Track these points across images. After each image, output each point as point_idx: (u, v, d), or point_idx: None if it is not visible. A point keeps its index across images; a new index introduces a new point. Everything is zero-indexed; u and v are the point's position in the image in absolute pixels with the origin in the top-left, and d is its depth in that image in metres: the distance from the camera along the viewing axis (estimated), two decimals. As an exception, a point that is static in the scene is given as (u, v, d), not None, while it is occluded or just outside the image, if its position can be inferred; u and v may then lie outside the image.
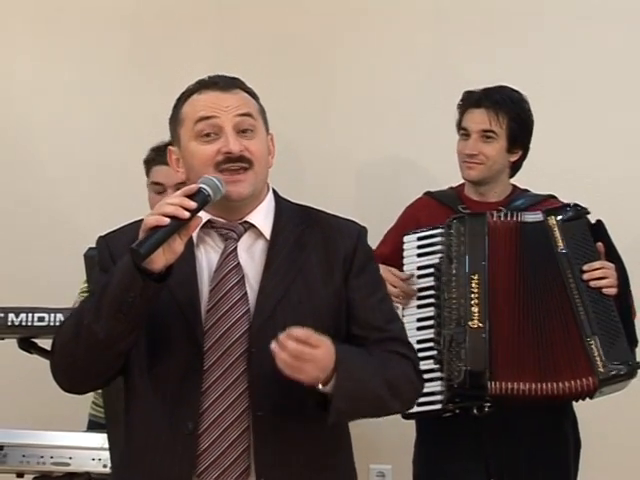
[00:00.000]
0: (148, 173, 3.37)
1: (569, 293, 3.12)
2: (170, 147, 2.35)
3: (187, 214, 2.07)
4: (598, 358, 3.04)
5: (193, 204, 2.09)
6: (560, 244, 3.16)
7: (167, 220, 2.05)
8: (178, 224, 2.07)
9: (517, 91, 3.37)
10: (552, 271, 3.14)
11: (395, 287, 3.24)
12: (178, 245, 2.09)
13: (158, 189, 3.32)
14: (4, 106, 4.15)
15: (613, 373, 3.04)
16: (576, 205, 3.24)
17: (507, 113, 3.29)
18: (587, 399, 3.15)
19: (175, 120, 2.31)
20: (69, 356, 2.20)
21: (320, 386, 2.13)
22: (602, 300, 3.12)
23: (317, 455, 2.26)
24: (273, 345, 2.06)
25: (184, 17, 4.15)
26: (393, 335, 2.31)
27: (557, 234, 3.17)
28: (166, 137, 2.46)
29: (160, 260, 2.08)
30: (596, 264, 3.13)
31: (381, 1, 4.16)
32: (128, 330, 2.13)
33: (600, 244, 3.18)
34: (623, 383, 3.10)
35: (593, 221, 3.26)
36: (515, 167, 3.39)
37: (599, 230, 3.21)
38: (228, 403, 2.18)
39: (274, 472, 2.19)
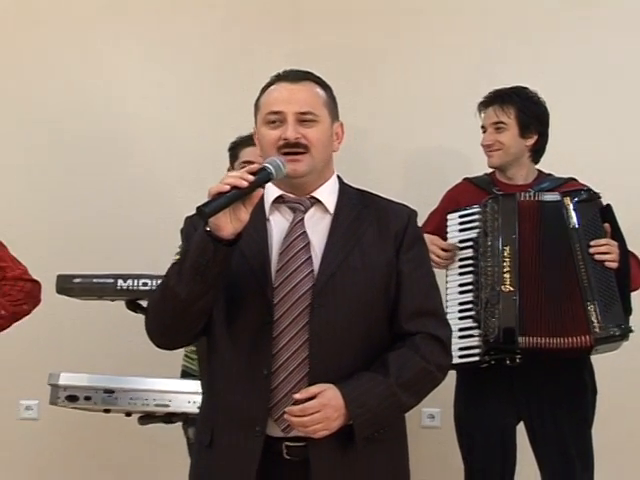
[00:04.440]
0: (237, 155, 3.26)
1: (576, 263, 3.04)
2: (254, 129, 2.28)
3: (245, 184, 2.00)
4: (595, 320, 2.97)
5: (251, 177, 2.02)
6: (573, 221, 3.07)
7: (227, 188, 1.99)
8: (239, 193, 2.00)
9: (525, 87, 3.31)
10: (564, 244, 3.06)
11: (438, 255, 3.17)
12: (243, 214, 2.02)
13: None
14: (112, 102, 4.08)
15: (608, 334, 2.97)
16: (590, 189, 3.16)
17: (513, 105, 3.23)
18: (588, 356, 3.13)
19: (256, 106, 2.25)
20: (158, 316, 2.16)
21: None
22: (604, 272, 3.03)
23: None
24: (286, 417, 2.05)
25: (264, 26, 4.10)
26: (430, 309, 2.21)
27: (571, 212, 3.08)
28: (245, 129, 2.39)
29: (228, 227, 2.01)
30: (602, 241, 3.05)
31: (434, 8, 4.09)
32: (205, 290, 2.06)
33: (607, 225, 3.09)
34: (616, 344, 3.04)
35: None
36: (535, 151, 3.29)
37: (608, 213, 3.12)
38: (292, 350, 2.11)
39: None
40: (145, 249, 3.85)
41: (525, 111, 3.22)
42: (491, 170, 3.36)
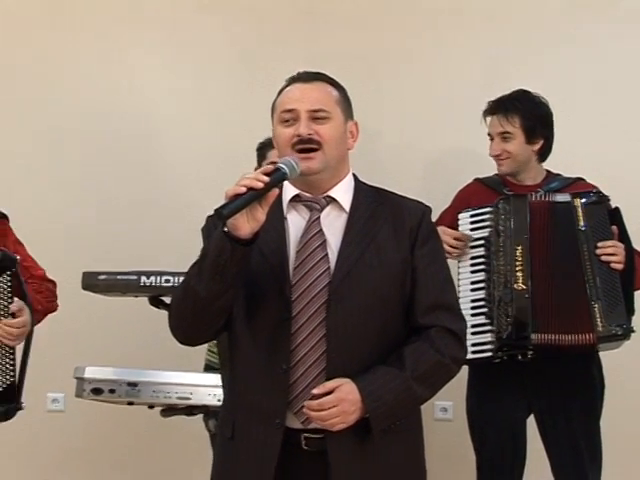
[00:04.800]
0: (265, 156, 3.26)
1: (583, 263, 3.04)
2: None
3: (260, 185, 2.00)
4: (599, 319, 2.98)
5: (266, 178, 2.01)
6: (581, 222, 3.07)
7: (244, 189, 1.99)
8: (255, 194, 2.00)
9: (526, 91, 3.26)
10: (572, 244, 3.07)
11: (451, 244, 3.17)
12: (260, 214, 2.02)
13: None
14: (137, 106, 4.09)
15: (610, 333, 2.98)
16: (599, 192, 3.16)
17: (516, 113, 3.20)
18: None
19: (272, 108, 2.25)
20: (180, 313, 2.16)
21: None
22: (609, 272, 3.03)
23: None
24: (305, 410, 2.05)
25: (281, 28, 4.10)
26: (444, 303, 2.20)
27: (580, 214, 3.08)
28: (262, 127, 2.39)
29: (245, 227, 2.01)
30: (609, 242, 3.05)
31: (450, 9, 4.06)
32: (224, 289, 2.06)
33: (615, 227, 3.10)
34: (618, 342, 3.05)
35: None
36: (542, 153, 3.29)
37: (616, 215, 3.12)
38: (310, 346, 2.10)
39: None
40: (166, 247, 3.85)
41: (529, 118, 3.20)
42: None
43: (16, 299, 2.70)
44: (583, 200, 3.08)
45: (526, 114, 3.19)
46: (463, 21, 4.05)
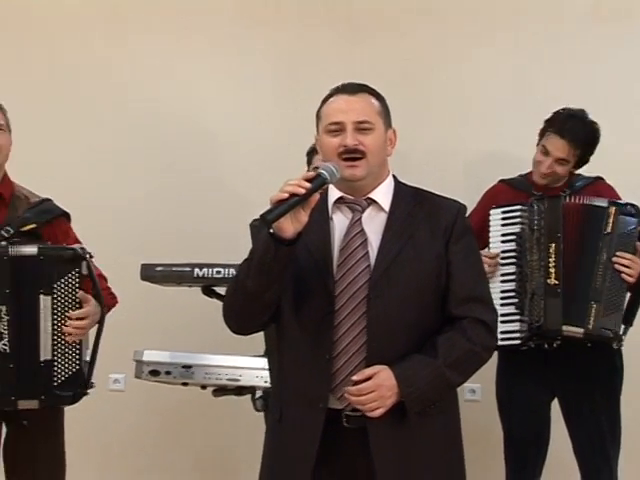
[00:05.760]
0: (311, 161, 3.30)
1: (596, 265, 3.07)
2: (315, 136, 2.32)
3: (302, 191, 2.06)
4: (592, 319, 3.03)
5: (307, 184, 2.07)
6: (609, 229, 3.08)
7: (287, 195, 2.05)
8: (298, 199, 2.06)
9: (592, 123, 3.23)
10: (594, 246, 3.09)
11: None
12: (303, 216, 2.09)
13: None
14: (193, 110, 4.13)
15: (598, 333, 3.04)
16: (636, 206, 3.14)
17: (580, 147, 3.19)
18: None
19: (317, 116, 2.30)
20: (232, 305, 2.24)
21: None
22: (618, 281, 3.06)
23: None
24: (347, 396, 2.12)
25: (323, 48, 4.10)
26: (477, 295, 2.24)
27: (611, 221, 3.09)
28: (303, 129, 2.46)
29: (290, 229, 2.08)
30: (627, 255, 3.07)
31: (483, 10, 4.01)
32: (270, 284, 2.14)
33: (639, 243, 3.12)
34: (608, 343, 3.11)
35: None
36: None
37: None
38: (352, 337, 2.16)
39: None
40: (220, 241, 3.87)
41: (587, 152, 3.23)
42: (527, 171, 3.36)
43: (80, 292, 2.69)
44: (619, 210, 3.09)
45: (585, 148, 3.21)
46: (495, 24, 4.02)
